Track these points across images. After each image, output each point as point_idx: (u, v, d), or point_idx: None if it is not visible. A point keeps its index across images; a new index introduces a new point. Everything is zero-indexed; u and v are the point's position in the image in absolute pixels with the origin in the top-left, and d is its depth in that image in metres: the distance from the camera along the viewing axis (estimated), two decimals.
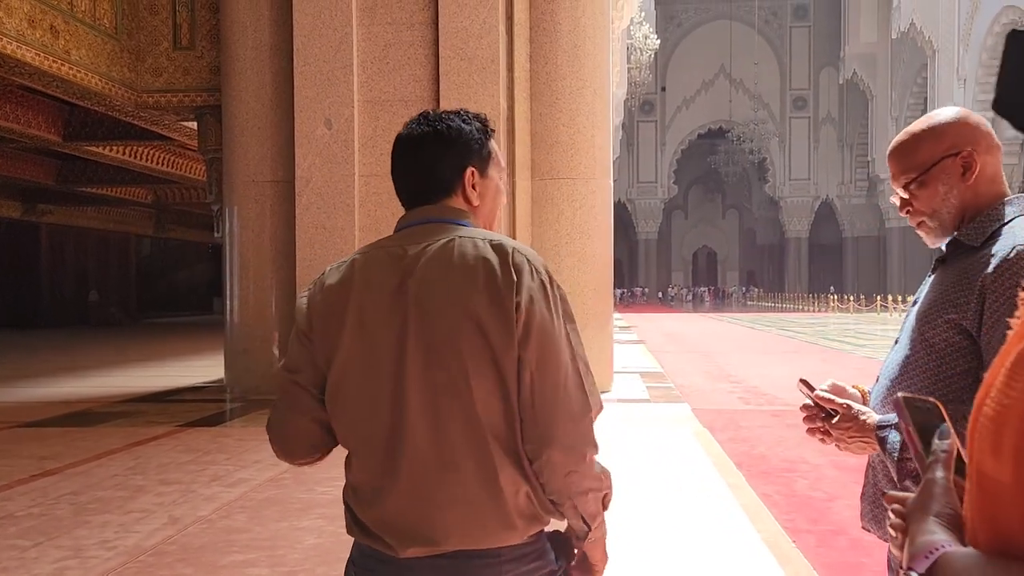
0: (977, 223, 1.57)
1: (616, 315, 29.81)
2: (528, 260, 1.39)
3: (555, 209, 9.53)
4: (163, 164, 15.99)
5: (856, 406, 1.61)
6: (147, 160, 15.67)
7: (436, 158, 1.49)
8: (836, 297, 44.75)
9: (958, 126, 1.58)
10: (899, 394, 0.96)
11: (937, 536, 0.74)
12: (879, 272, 54.52)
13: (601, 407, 1.41)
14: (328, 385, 1.42)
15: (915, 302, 1.69)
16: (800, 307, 44.39)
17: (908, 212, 1.63)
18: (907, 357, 1.61)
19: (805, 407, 1.68)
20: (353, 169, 9.11)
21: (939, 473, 0.81)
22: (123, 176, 17.82)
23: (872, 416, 1.58)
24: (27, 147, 15.15)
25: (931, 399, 0.95)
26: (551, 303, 1.38)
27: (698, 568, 3.83)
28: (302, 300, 1.48)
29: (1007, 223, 1.56)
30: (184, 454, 6.17)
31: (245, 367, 9.25)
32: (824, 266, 60.96)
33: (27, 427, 7.48)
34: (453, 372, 1.35)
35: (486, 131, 1.53)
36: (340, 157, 9.11)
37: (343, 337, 1.40)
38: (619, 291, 58.24)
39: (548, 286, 1.39)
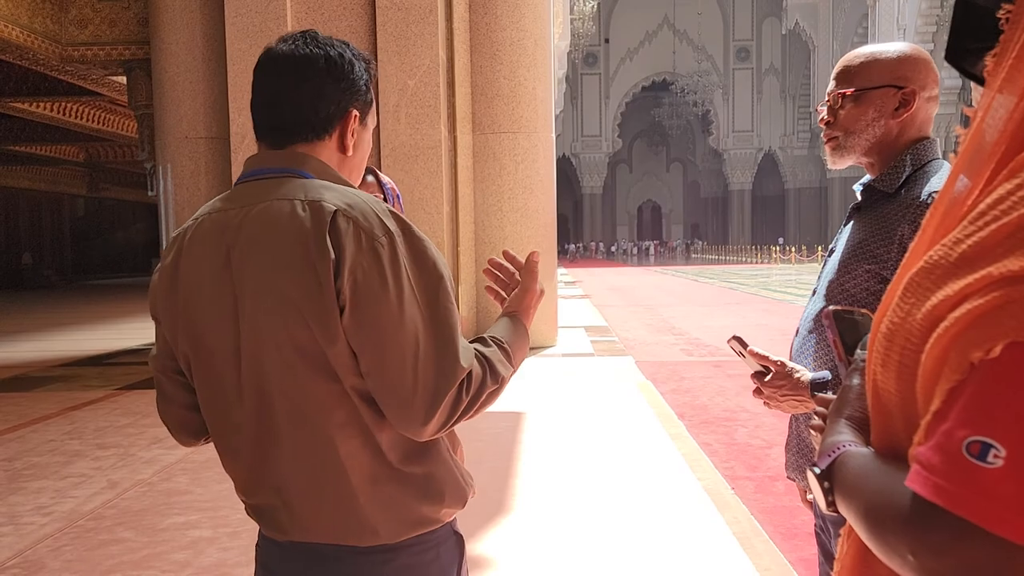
0: (892, 169, 1.57)
1: (562, 270, 29.94)
2: (355, 223, 1.13)
3: (497, 164, 9.47)
4: (94, 121, 15.45)
5: (790, 364, 1.59)
6: (77, 117, 15.13)
7: (321, 90, 1.23)
8: (779, 248, 45.55)
9: (915, 63, 1.56)
10: (830, 307, 0.99)
11: (843, 436, 0.81)
12: (821, 222, 55.57)
13: (467, 368, 1.18)
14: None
15: (831, 252, 1.69)
16: (744, 259, 45.09)
17: (827, 124, 1.61)
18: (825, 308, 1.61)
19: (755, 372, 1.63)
20: None
21: (855, 380, 0.86)
22: (53, 134, 17.21)
23: (806, 374, 1.56)
24: None
25: (864, 310, 1.00)
26: (391, 269, 1.13)
27: (639, 516, 3.89)
28: (153, 278, 1.30)
29: (922, 168, 1.57)
30: (123, 417, 6.06)
31: None
32: (767, 218, 61.89)
33: None
34: (278, 360, 1.16)
35: (370, 74, 1.31)
36: None
37: (179, 321, 1.23)
38: (573, 246, 58.58)
39: (387, 248, 1.14)
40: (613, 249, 61.12)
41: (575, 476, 4.56)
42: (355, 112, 1.27)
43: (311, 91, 1.23)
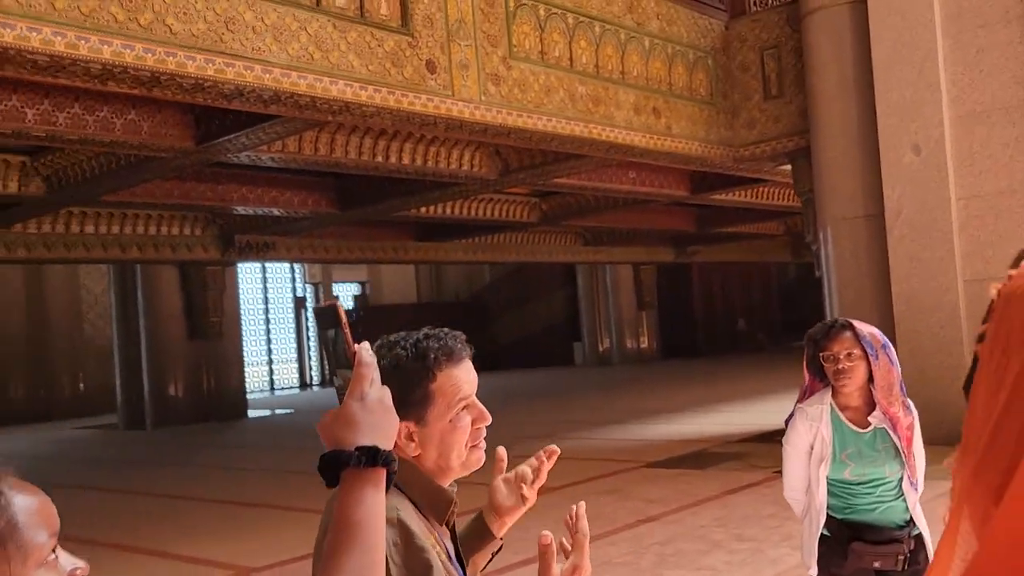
0: None
1: None
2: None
3: None
4: (783, 199, 16.59)
5: None
6: (767, 198, 16.51)
7: None
8: None
9: None
10: None
11: None
12: None
13: None
14: None
15: None
16: None
17: None
18: None
19: None
20: (948, 193, 8.44)
21: None
22: (750, 215, 18.96)
23: None
24: (666, 203, 17.19)
25: None
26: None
27: None
28: None
29: None
30: (769, 506, 6.40)
31: None
32: None
33: (649, 467, 8.57)
34: None
35: (426, 366, 1.39)
36: (931, 182, 8.53)
37: None
38: None
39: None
40: None
41: None
42: (402, 426, 1.33)
43: None
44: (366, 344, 1.09)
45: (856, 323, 2.75)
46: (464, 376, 1.42)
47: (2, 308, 20.06)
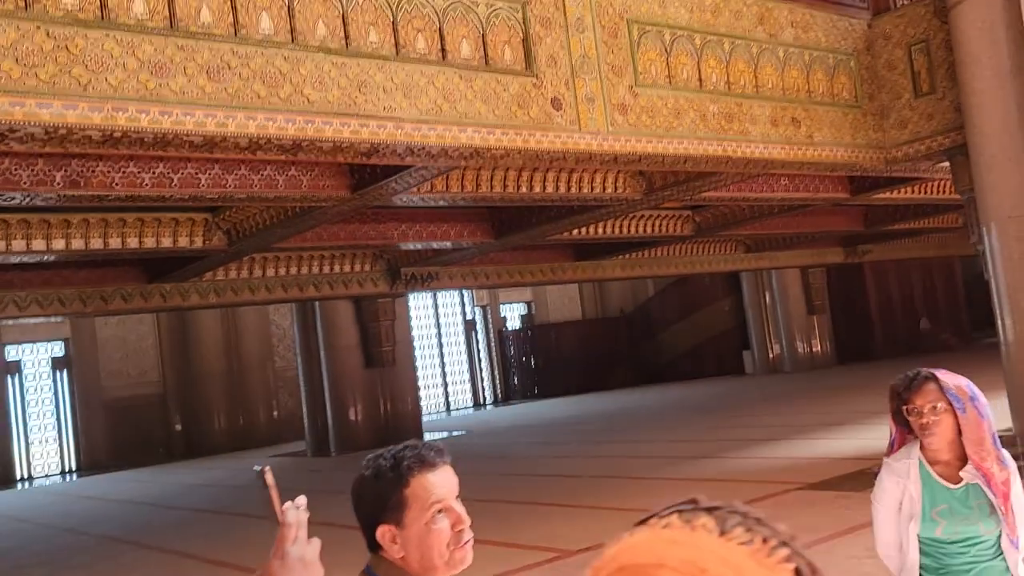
0: None
1: None
2: None
3: None
4: (945, 192, 15.65)
5: None
6: (938, 192, 15.60)
7: (359, 520, 1.57)
8: None
9: None
10: None
11: None
12: None
13: None
14: None
15: None
16: None
17: None
18: None
19: None
20: None
21: None
22: (924, 208, 17.92)
23: None
24: (824, 204, 16.59)
25: None
26: None
27: None
28: None
29: None
30: None
31: None
32: None
33: (808, 489, 8.32)
34: None
35: (400, 474, 1.52)
36: None
37: None
38: None
39: None
40: None
41: None
42: (385, 529, 1.53)
43: (359, 521, 1.59)
44: (300, 500, 1.30)
45: (941, 374, 2.63)
46: (437, 481, 1.53)
47: (206, 350, 21.96)
